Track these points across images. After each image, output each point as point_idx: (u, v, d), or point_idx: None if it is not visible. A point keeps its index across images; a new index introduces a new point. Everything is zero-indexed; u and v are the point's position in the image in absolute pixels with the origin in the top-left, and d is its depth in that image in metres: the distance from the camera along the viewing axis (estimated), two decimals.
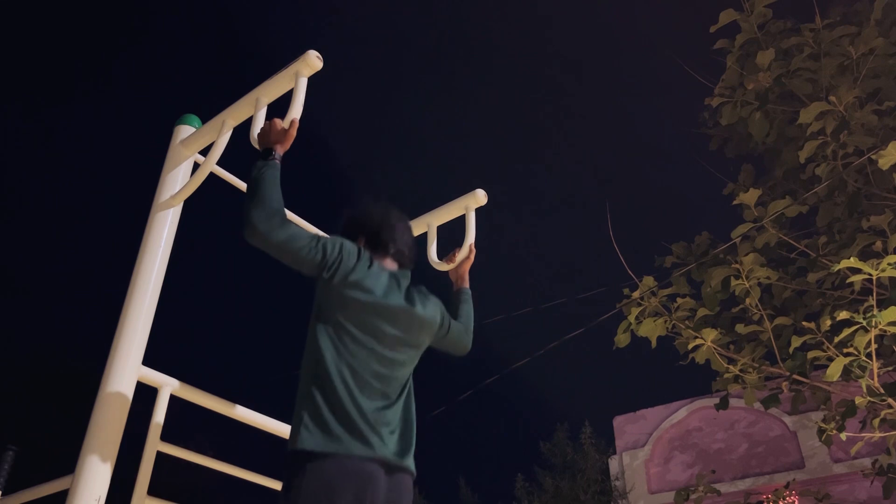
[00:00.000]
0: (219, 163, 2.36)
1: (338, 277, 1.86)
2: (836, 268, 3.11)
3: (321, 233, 2.48)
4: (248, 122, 2.21)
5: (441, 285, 2.58)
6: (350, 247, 1.93)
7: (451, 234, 2.75)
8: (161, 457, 2.07)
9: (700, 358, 4.52)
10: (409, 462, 1.85)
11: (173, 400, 2.17)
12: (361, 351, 1.85)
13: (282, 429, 2.55)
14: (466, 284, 2.52)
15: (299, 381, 1.84)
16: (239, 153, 2.37)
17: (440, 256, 2.68)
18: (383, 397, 1.86)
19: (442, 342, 2.20)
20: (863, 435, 3.97)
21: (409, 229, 2.18)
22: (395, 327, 1.92)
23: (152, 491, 2.04)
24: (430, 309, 2.05)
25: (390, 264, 2.08)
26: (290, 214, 2.40)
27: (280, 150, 1.97)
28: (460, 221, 2.73)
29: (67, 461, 2.01)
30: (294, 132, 2.01)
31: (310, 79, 2.11)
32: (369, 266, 1.93)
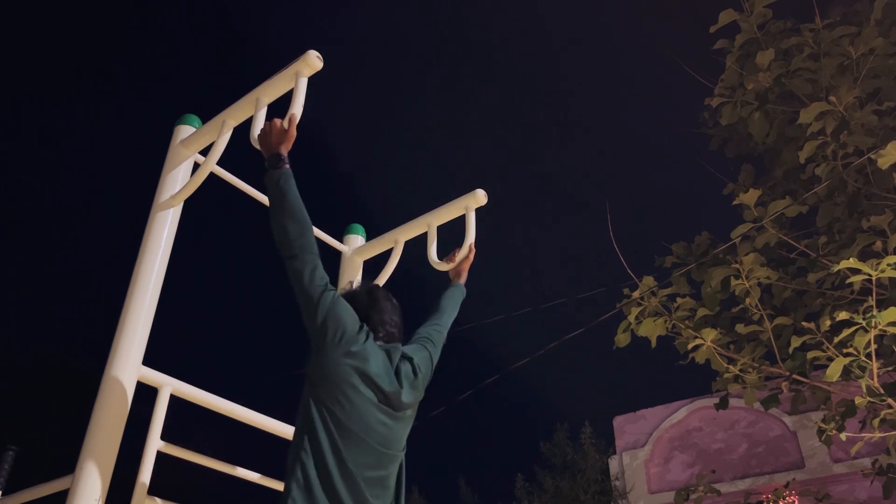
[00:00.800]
0: (219, 163, 2.36)
1: (338, 336, 1.86)
2: (836, 268, 3.11)
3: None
4: (248, 122, 2.21)
5: (441, 285, 2.58)
6: (353, 313, 1.94)
7: (451, 235, 2.75)
8: (161, 457, 2.08)
9: (700, 358, 4.52)
10: None
11: (173, 400, 2.18)
12: (354, 422, 1.83)
13: (282, 429, 2.55)
14: (462, 281, 2.53)
15: (290, 450, 1.83)
16: (239, 153, 2.38)
17: (440, 256, 2.68)
18: (376, 468, 1.85)
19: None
20: (863, 435, 3.97)
21: (396, 309, 2.17)
22: (385, 405, 1.90)
23: (152, 491, 2.04)
24: (416, 387, 2.03)
25: (381, 344, 2.06)
26: None
27: (284, 152, 1.98)
28: (460, 221, 2.73)
29: (67, 461, 2.01)
30: (294, 130, 2.02)
31: (310, 79, 2.12)
32: (367, 338, 1.93)
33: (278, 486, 2.49)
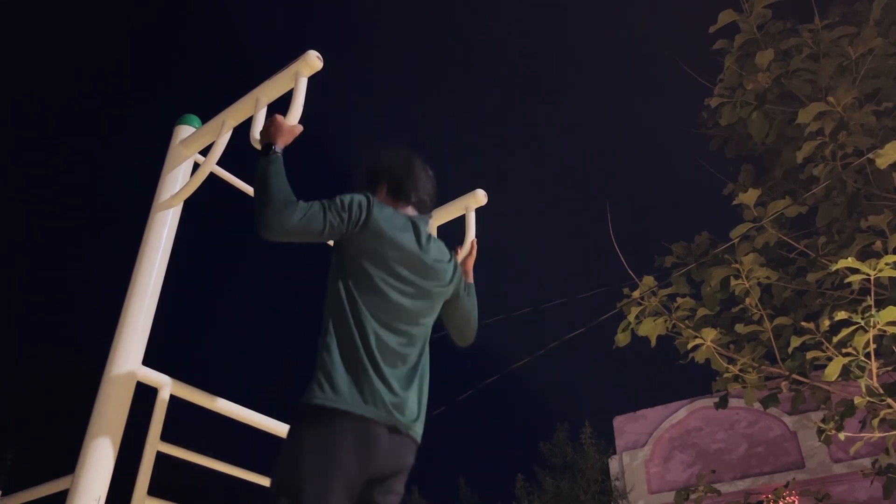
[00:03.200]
0: (219, 163, 2.36)
1: (357, 228, 1.88)
2: (835, 267, 3.12)
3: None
4: (248, 122, 2.21)
5: None
6: (360, 199, 1.92)
7: (450, 234, 2.75)
8: (161, 457, 2.07)
9: (700, 358, 4.52)
10: (418, 428, 1.88)
11: (173, 400, 2.17)
12: (380, 303, 1.86)
13: (282, 428, 2.55)
14: (470, 280, 2.53)
15: (320, 336, 1.86)
16: (239, 153, 2.38)
17: None
18: (401, 358, 1.87)
19: (451, 311, 2.19)
20: (862, 435, 3.97)
21: (430, 178, 2.19)
22: (411, 270, 1.93)
23: (152, 491, 2.04)
24: (444, 257, 2.07)
25: (411, 211, 2.09)
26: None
27: (280, 145, 1.97)
28: (460, 221, 2.73)
29: (67, 461, 2.01)
30: (298, 130, 2.03)
31: (310, 79, 2.11)
32: (382, 209, 1.94)
33: None
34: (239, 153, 2.37)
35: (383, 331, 1.85)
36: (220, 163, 2.37)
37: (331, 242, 2.01)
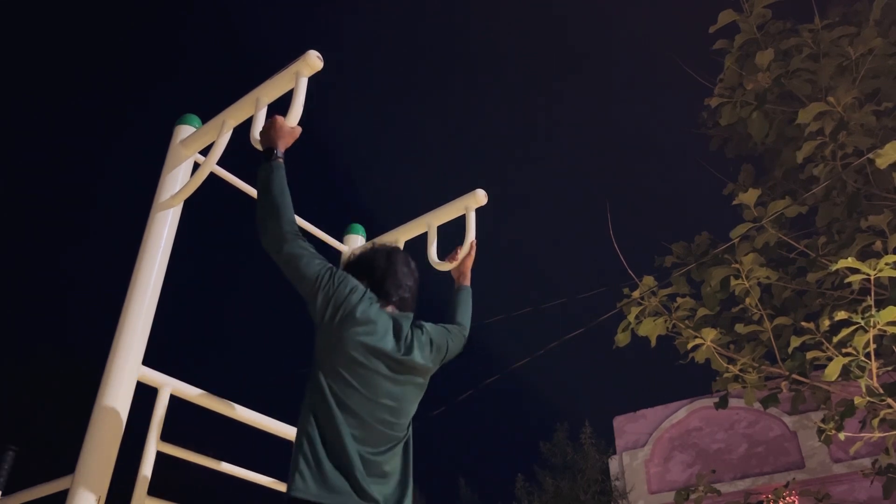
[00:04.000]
0: (219, 163, 2.37)
1: (340, 315, 1.85)
2: (835, 267, 3.12)
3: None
4: (248, 122, 2.21)
5: (442, 285, 2.59)
6: (356, 285, 1.92)
7: (450, 235, 2.75)
8: (161, 457, 2.08)
9: (700, 358, 4.52)
10: None
11: (173, 400, 2.18)
12: (360, 397, 1.83)
13: (282, 429, 2.55)
14: (468, 282, 2.53)
15: (298, 425, 1.84)
16: (239, 153, 2.38)
17: (440, 257, 2.68)
18: (385, 443, 1.85)
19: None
20: (862, 435, 3.97)
21: (412, 273, 2.16)
22: (391, 369, 1.90)
23: (152, 491, 2.04)
24: (428, 352, 2.02)
25: (391, 309, 2.04)
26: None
27: (281, 148, 1.97)
28: (460, 221, 2.73)
29: (67, 461, 2.01)
30: (298, 131, 2.03)
31: (310, 79, 2.12)
32: (370, 305, 1.92)
33: (278, 486, 2.49)
34: (239, 153, 2.37)
35: (368, 422, 1.82)
36: (220, 163, 2.37)
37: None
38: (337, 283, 1.88)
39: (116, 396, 2.01)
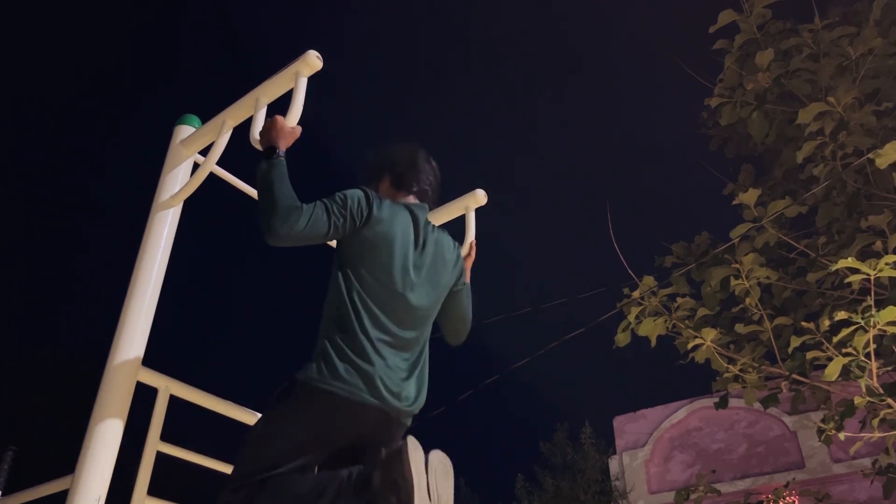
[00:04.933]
0: (219, 163, 2.37)
1: (358, 224, 1.90)
2: (835, 267, 3.12)
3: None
4: (248, 122, 2.21)
5: None
6: (359, 196, 1.94)
7: (450, 235, 2.75)
8: (161, 457, 2.08)
9: (700, 358, 4.52)
10: (415, 406, 1.89)
11: (173, 400, 2.18)
12: (380, 295, 1.88)
13: None
14: (467, 280, 2.53)
15: (321, 323, 1.89)
16: (239, 153, 2.38)
17: None
18: (401, 349, 1.89)
19: (449, 307, 2.19)
20: (862, 435, 3.97)
21: (434, 170, 2.22)
22: (409, 263, 1.95)
23: (152, 491, 2.04)
24: (444, 248, 2.09)
25: (411, 199, 2.12)
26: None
27: (282, 147, 1.97)
28: (460, 221, 2.73)
29: (67, 461, 2.01)
30: (298, 131, 2.03)
31: (310, 79, 2.11)
32: (381, 203, 1.96)
33: None
34: (239, 153, 2.37)
35: (384, 322, 1.87)
36: (220, 163, 2.37)
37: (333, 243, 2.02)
38: (344, 205, 1.89)
39: (116, 396, 2.01)
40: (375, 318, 1.86)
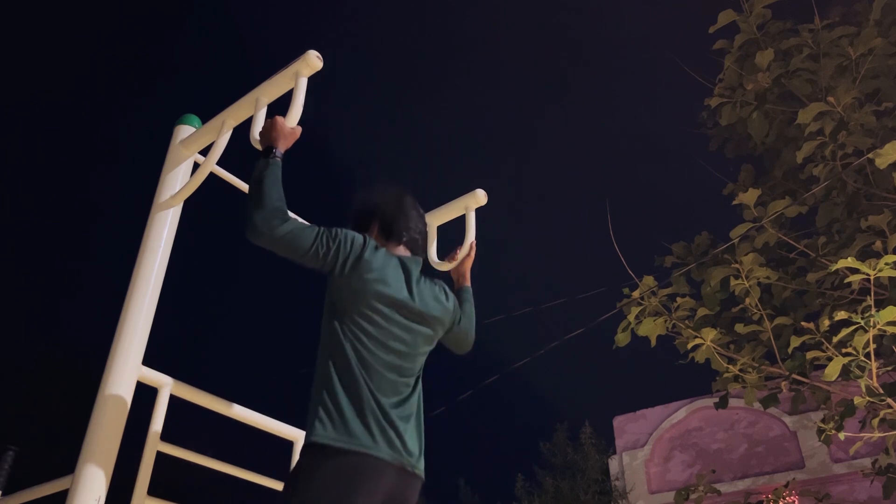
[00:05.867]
0: (219, 163, 2.37)
1: (347, 267, 1.86)
2: (835, 267, 3.12)
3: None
4: (248, 122, 2.21)
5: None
6: (354, 236, 1.92)
7: (450, 235, 2.75)
8: (161, 457, 2.08)
9: (700, 357, 4.52)
10: (421, 464, 1.86)
11: (173, 400, 2.18)
12: (374, 343, 1.85)
13: (282, 429, 2.55)
14: (468, 283, 2.53)
15: (315, 375, 1.85)
16: (239, 153, 2.38)
17: (440, 257, 2.68)
18: (397, 392, 1.86)
19: (449, 335, 2.19)
20: (862, 435, 3.97)
21: (421, 217, 2.19)
22: (401, 314, 1.92)
23: (152, 491, 2.04)
24: (440, 299, 2.06)
25: (402, 251, 2.08)
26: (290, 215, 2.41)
27: (282, 148, 1.97)
28: (460, 221, 2.73)
29: (67, 461, 2.01)
30: (298, 132, 2.03)
31: (310, 79, 2.11)
32: (375, 251, 1.93)
33: (278, 486, 2.49)
34: (239, 153, 2.37)
35: (381, 370, 1.84)
36: (220, 163, 2.37)
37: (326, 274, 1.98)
38: (335, 236, 1.88)
39: (116, 396, 2.01)
40: (373, 368, 1.82)
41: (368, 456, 1.70)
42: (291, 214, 1.90)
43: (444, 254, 2.67)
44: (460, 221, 2.72)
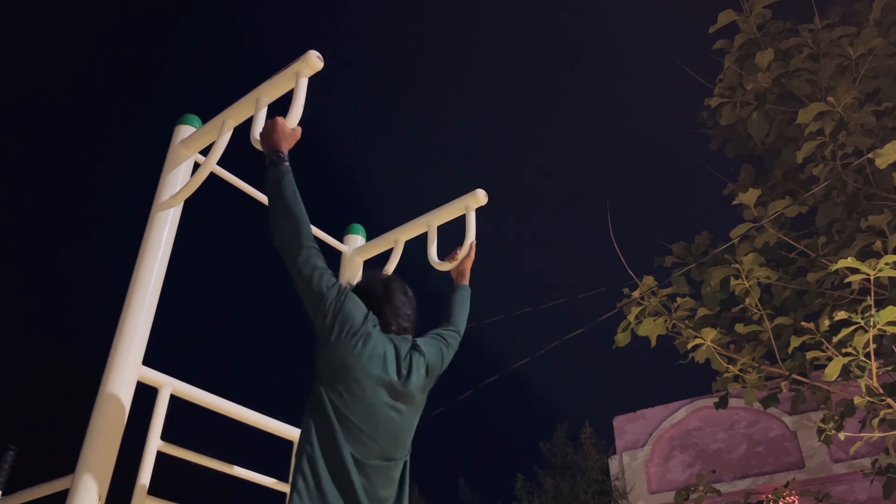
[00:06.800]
0: (219, 163, 2.37)
1: (345, 332, 1.86)
2: (834, 267, 3.12)
3: None
4: (248, 122, 2.21)
5: (442, 285, 2.59)
6: (360, 304, 1.94)
7: (450, 235, 2.75)
8: (161, 457, 2.08)
9: (700, 357, 4.52)
10: None
11: (173, 400, 2.18)
12: (361, 419, 1.82)
13: (282, 429, 2.55)
14: (467, 282, 2.53)
15: (298, 442, 1.84)
16: (239, 153, 2.38)
17: (440, 257, 2.68)
18: (382, 466, 1.84)
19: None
20: (862, 435, 3.97)
21: (411, 301, 2.16)
22: (394, 399, 1.90)
23: (152, 491, 2.04)
24: (423, 375, 2.03)
25: (393, 335, 2.06)
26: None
27: (285, 150, 1.98)
28: (460, 221, 2.73)
29: (67, 461, 2.01)
30: (299, 133, 2.03)
31: (311, 79, 2.12)
32: (374, 328, 1.93)
33: (278, 486, 2.49)
34: (239, 153, 2.37)
35: (366, 443, 1.82)
36: (220, 163, 2.38)
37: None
38: (343, 301, 1.88)
39: (116, 396, 2.01)
40: (357, 439, 1.80)
41: None
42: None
43: (444, 254, 2.67)
44: (460, 221, 2.72)
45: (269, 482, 2.49)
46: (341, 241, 3.15)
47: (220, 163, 2.38)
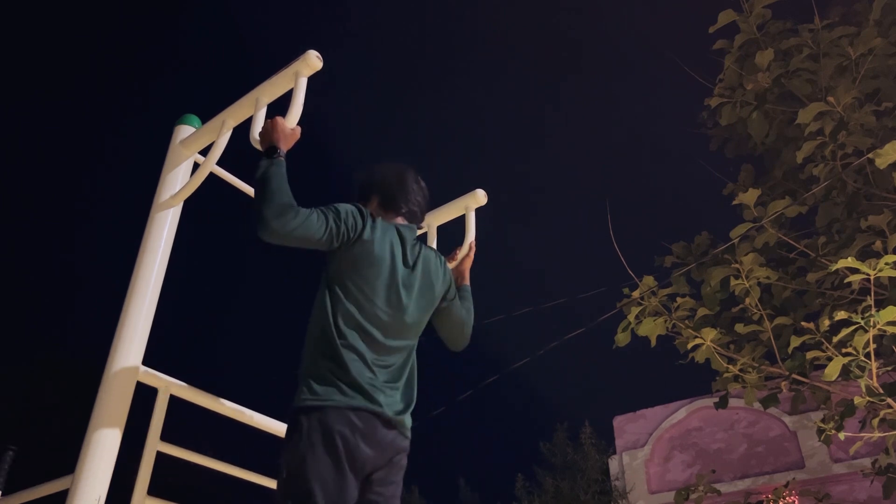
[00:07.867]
0: (219, 163, 2.37)
1: (350, 238, 1.92)
2: (835, 267, 3.12)
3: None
4: (248, 122, 2.21)
5: None
6: (355, 217, 1.96)
7: (450, 235, 2.75)
8: (161, 457, 2.08)
9: (700, 357, 4.52)
10: (407, 421, 1.91)
11: (173, 400, 2.18)
12: (365, 314, 1.89)
13: (282, 429, 2.55)
14: (467, 282, 2.53)
15: (305, 340, 1.90)
16: (239, 153, 2.38)
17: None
18: (385, 366, 1.90)
19: (442, 318, 2.21)
20: (862, 435, 3.97)
21: (422, 190, 2.24)
22: (397, 284, 1.96)
23: (152, 491, 2.04)
24: (432, 267, 2.10)
25: (400, 220, 2.14)
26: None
27: (284, 148, 1.98)
28: (460, 221, 2.73)
29: (67, 461, 2.01)
30: (298, 133, 2.03)
31: (310, 79, 2.11)
32: (374, 226, 1.98)
33: None
34: (239, 153, 2.37)
35: (368, 339, 1.88)
36: (220, 163, 2.37)
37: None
38: (341, 219, 1.91)
39: (116, 396, 2.01)
40: (363, 333, 1.87)
41: (346, 408, 1.76)
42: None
43: (444, 254, 2.67)
44: (460, 221, 2.72)
45: (269, 482, 2.48)
46: None
47: (220, 163, 2.38)
